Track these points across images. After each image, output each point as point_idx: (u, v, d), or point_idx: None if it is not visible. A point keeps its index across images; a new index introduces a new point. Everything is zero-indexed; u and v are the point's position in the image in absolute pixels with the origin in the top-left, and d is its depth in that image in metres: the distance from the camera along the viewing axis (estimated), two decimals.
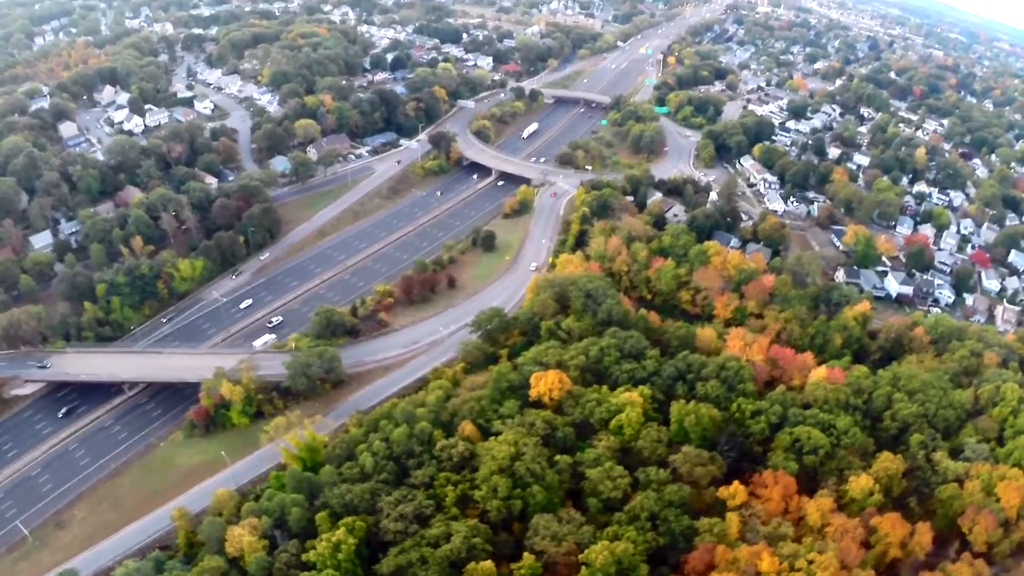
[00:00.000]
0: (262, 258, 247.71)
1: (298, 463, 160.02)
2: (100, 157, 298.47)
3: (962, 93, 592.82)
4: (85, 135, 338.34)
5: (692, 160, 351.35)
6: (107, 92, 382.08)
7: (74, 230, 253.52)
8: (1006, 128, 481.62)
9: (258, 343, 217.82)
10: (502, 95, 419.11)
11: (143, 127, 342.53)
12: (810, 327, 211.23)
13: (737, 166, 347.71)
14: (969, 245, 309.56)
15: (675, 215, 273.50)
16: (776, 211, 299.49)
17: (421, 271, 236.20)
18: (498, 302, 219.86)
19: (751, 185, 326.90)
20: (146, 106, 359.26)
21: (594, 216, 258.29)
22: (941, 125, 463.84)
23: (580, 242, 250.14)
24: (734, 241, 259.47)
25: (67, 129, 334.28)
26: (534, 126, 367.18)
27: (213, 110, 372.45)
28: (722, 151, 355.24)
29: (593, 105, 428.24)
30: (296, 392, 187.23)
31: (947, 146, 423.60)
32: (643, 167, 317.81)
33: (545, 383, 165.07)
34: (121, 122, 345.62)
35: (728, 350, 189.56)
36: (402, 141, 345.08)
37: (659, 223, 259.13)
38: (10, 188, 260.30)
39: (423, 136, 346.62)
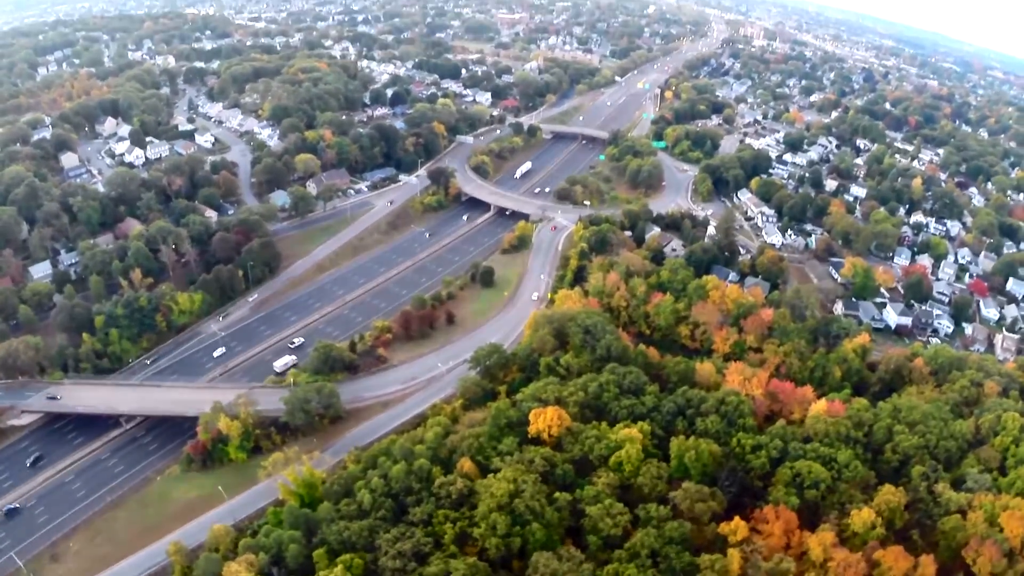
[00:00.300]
0: (250, 300, 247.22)
1: (296, 499, 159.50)
2: (101, 189, 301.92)
3: (957, 122, 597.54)
4: (86, 166, 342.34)
5: (690, 194, 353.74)
6: (109, 124, 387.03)
7: (74, 261, 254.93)
8: (1001, 156, 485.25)
9: (279, 364, 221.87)
10: (500, 131, 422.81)
11: (144, 159, 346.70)
12: (809, 360, 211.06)
13: (735, 200, 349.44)
14: (967, 274, 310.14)
15: (673, 250, 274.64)
16: (774, 244, 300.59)
17: (420, 307, 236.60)
18: (497, 338, 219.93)
19: (749, 219, 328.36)
20: (147, 138, 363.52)
21: (592, 251, 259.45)
22: (937, 155, 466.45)
23: (579, 278, 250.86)
24: (732, 275, 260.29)
25: (68, 160, 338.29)
26: (527, 165, 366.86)
27: (214, 143, 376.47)
28: (720, 185, 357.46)
29: (591, 140, 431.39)
30: (294, 428, 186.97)
31: (943, 176, 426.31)
32: (641, 202, 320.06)
33: (544, 419, 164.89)
34: (122, 154, 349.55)
35: (727, 385, 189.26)
36: (401, 176, 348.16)
37: (657, 258, 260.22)
38: (11, 218, 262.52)
39: (422, 171, 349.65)
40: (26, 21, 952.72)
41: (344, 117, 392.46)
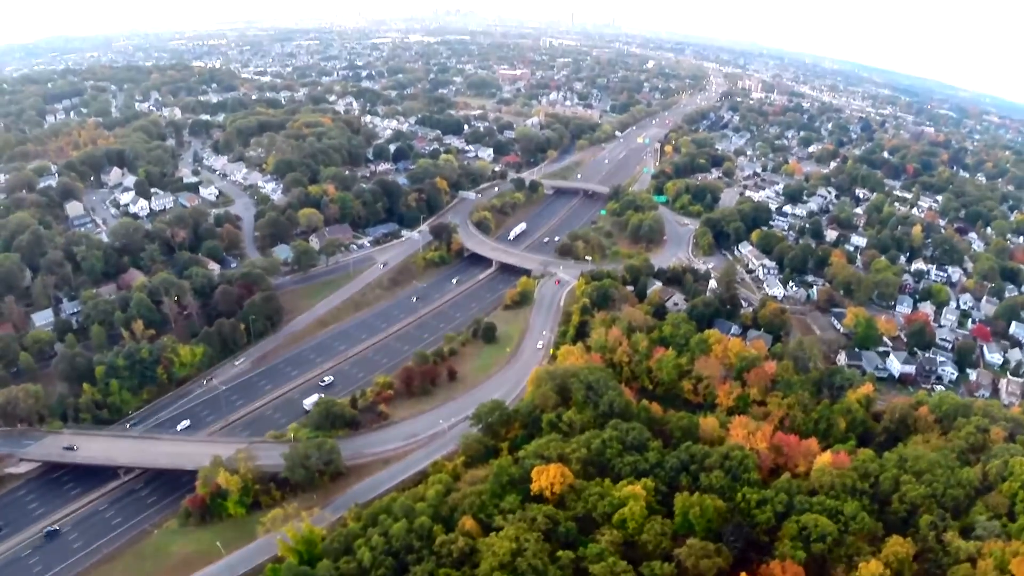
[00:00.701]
0: (237, 364, 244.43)
1: (295, 556, 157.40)
2: (105, 238, 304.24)
3: (955, 168, 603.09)
4: (91, 215, 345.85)
5: (691, 248, 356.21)
6: (114, 174, 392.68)
7: (76, 310, 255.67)
8: (1000, 200, 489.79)
9: (308, 402, 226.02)
10: (502, 186, 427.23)
11: (148, 210, 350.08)
12: (813, 412, 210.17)
13: (735, 252, 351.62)
14: (969, 320, 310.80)
15: (675, 304, 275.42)
16: (776, 296, 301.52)
17: (422, 363, 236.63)
18: (499, 394, 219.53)
19: (750, 271, 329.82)
20: (152, 190, 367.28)
21: (594, 307, 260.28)
22: (936, 202, 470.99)
23: (581, 333, 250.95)
24: (735, 328, 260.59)
25: (73, 208, 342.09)
26: (521, 226, 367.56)
27: (218, 196, 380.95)
28: (720, 238, 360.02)
29: (592, 195, 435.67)
30: (294, 483, 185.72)
31: (943, 222, 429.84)
32: (643, 257, 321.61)
33: (547, 477, 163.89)
34: (127, 204, 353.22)
35: (731, 439, 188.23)
36: (404, 232, 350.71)
37: (659, 312, 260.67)
38: (14, 264, 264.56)
39: (424, 227, 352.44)
40: (36, 68, 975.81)
41: (347, 172, 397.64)
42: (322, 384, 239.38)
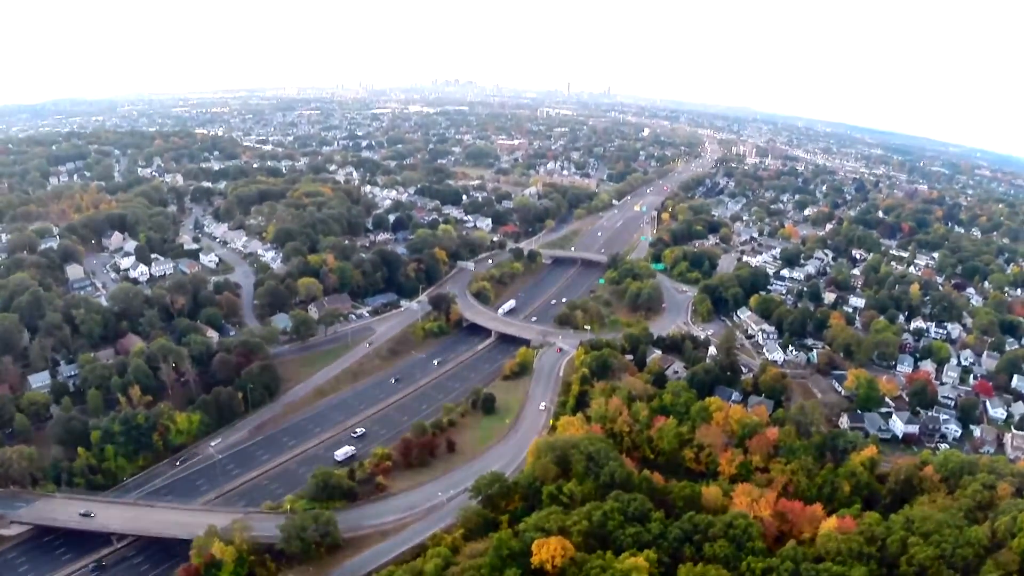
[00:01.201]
0: (212, 445, 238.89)
1: None
2: (104, 302, 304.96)
3: (950, 224, 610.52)
4: (91, 279, 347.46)
5: (690, 315, 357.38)
6: (115, 238, 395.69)
7: (73, 373, 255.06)
8: (996, 254, 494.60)
9: (339, 453, 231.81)
10: (501, 256, 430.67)
11: (148, 276, 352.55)
12: (817, 477, 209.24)
13: (735, 318, 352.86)
14: (971, 376, 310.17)
15: (675, 372, 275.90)
16: (776, 361, 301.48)
17: (420, 434, 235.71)
18: (498, 466, 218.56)
19: (750, 336, 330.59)
20: (152, 255, 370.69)
21: (594, 376, 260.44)
22: (932, 259, 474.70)
23: (581, 403, 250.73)
24: (735, 395, 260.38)
25: (73, 271, 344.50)
26: (511, 303, 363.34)
27: (218, 264, 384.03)
28: (719, 304, 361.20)
29: (590, 264, 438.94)
30: (290, 555, 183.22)
31: (940, 279, 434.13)
32: (641, 325, 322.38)
33: (547, 550, 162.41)
34: (127, 269, 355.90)
35: (735, 507, 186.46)
36: (403, 302, 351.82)
37: (659, 381, 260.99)
38: (13, 325, 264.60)
39: (423, 297, 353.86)
40: (41, 130, 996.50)
41: (347, 242, 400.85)
42: (354, 435, 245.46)
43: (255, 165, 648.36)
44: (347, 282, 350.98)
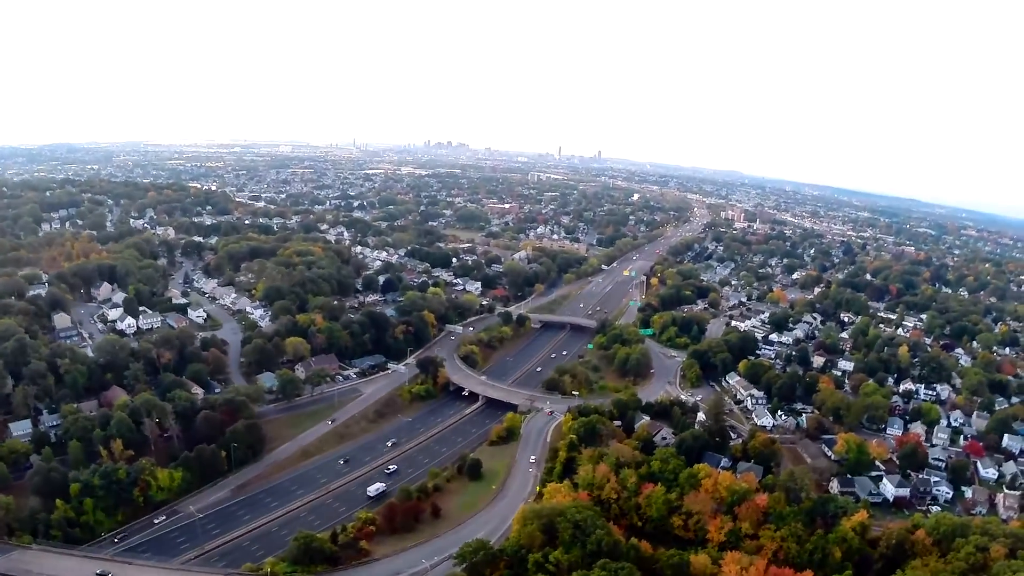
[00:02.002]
0: (193, 507, 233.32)
1: None
2: (90, 353, 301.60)
3: (937, 285, 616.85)
4: (78, 329, 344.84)
5: (678, 380, 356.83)
6: (104, 289, 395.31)
7: (55, 423, 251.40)
8: (983, 313, 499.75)
9: (371, 489, 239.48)
10: (489, 320, 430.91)
11: (135, 328, 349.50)
12: (808, 543, 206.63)
13: (723, 383, 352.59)
14: (961, 436, 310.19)
15: (664, 438, 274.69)
16: (765, 426, 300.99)
17: (405, 499, 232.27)
18: (483, 533, 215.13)
19: (738, 402, 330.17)
20: (140, 308, 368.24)
21: (582, 443, 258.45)
22: (920, 320, 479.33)
23: (568, 469, 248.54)
24: (724, 461, 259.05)
25: (60, 320, 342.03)
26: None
27: (206, 319, 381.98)
28: (708, 369, 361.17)
29: (579, 329, 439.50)
30: None
31: (928, 340, 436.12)
32: (630, 391, 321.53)
33: None
34: (114, 321, 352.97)
35: (724, 575, 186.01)
36: (390, 364, 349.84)
37: (648, 447, 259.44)
38: None
39: (411, 360, 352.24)
40: (36, 175, 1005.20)
41: (336, 302, 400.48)
42: (387, 472, 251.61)
43: (247, 221, 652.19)
44: (335, 343, 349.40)
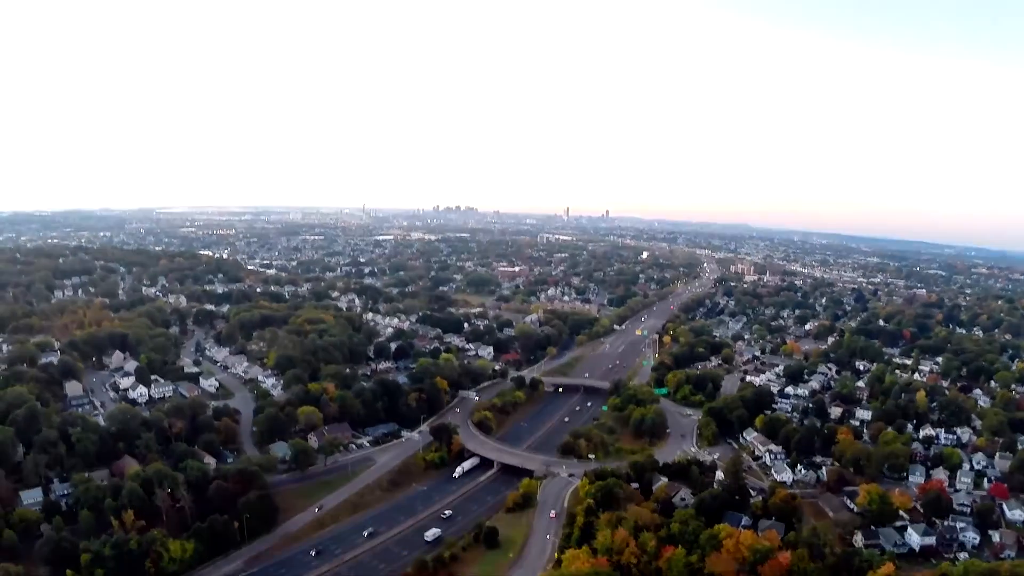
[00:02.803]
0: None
1: None
2: (101, 422, 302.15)
3: (951, 326, 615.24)
4: (89, 397, 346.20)
5: (695, 439, 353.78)
6: (116, 357, 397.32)
7: (66, 492, 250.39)
8: (999, 351, 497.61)
9: (429, 535, 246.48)
10: (502, 385, 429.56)
11: (147, 397, 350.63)
12: None
13: (741, 440, 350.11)
14: (985, 479, 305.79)
15: (682, 499, 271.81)
16: (785, 482, 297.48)
17: (421, 569, 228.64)
18: None
19: (757, 458, 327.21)
20: (152, 376, 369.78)
21: (599, 507, 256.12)
22: (936, 363, 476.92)
23: (586, 535, 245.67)
24: (745, 519, 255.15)
25: (72, 388, 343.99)
26: (474, 460, 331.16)
27: (217, 388, 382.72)
28: (724, 426, 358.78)
29: (593, 391, 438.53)
30: None
31: (945, 383, 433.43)
32: (646, 452, 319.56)
33: None
34: (126, 389, 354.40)
35: None
36: (404, 432, 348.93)
37: (666, 509, 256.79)
38: (7, 439, 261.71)
39: (425, 427, 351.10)
40: (50, 241, 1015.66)
41: (348, 370, 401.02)
42: (443, 517, 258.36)
43: (258, 289, 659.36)
44: (348, 411, 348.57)
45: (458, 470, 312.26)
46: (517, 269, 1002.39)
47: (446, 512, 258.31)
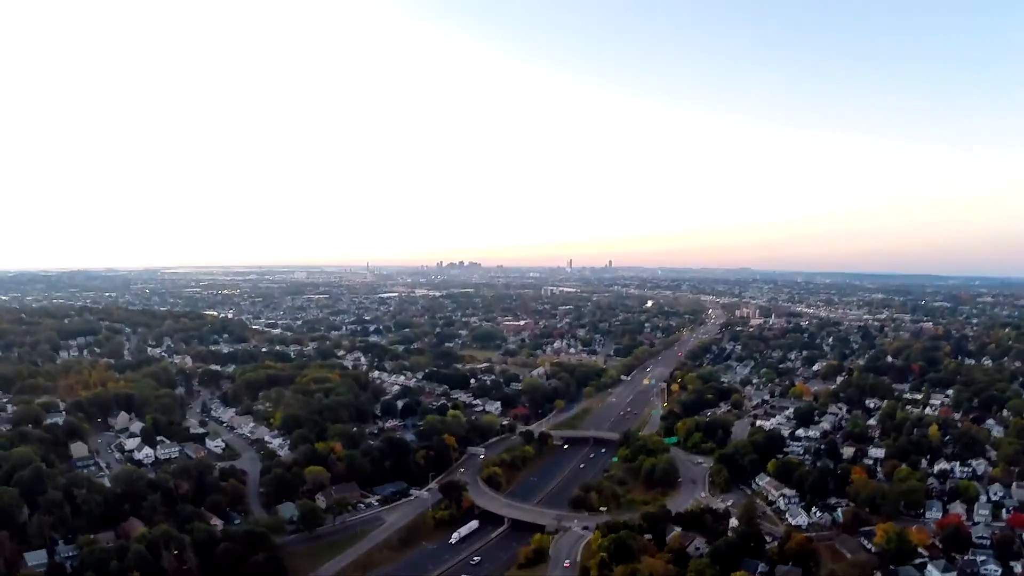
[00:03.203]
0: None
1: None
2: (107, 483, 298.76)
3: (959, 358, 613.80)
4: (95, 458, 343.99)
5: (707, 487, 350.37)
6: (121, 418, 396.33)
7: (71, 554, 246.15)
8: (1009, 379, 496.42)
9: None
10: (510, 440, 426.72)
11: (153, 459, 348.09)
12: None
13: (753, 485, 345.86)
14: (1003, 510, 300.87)
15: (697, 548, 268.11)
16: (800, 526, 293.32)
17: None
18: None
19: (770, 503, 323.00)
20: (158, 438, 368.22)
21: (612, 560, 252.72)
22: (947, 396, 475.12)
23: None
24: (761, 566, 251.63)
25: (77, 449, 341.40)
26: (472, 525, 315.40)
27: (224, 449, 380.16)
28: (736, 472, 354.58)
29: (603, 443, 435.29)
30: None
31: (957, 416, 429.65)
32: (658, 502, 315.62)
33: None
34: (132, 450, 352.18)
35: None
36: (412, 490, 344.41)
37: (681, 559, 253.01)
38: (12, 500, 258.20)
39: (433, 485, 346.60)
40: (55, 301, 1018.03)
41: (355, 429, 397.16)
42: (472, 563, 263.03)
43: (264, 349, 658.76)
44: (355, 470, 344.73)
45: (455, 536, 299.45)
46: (522, 323, 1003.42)
47: (476, 558, 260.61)
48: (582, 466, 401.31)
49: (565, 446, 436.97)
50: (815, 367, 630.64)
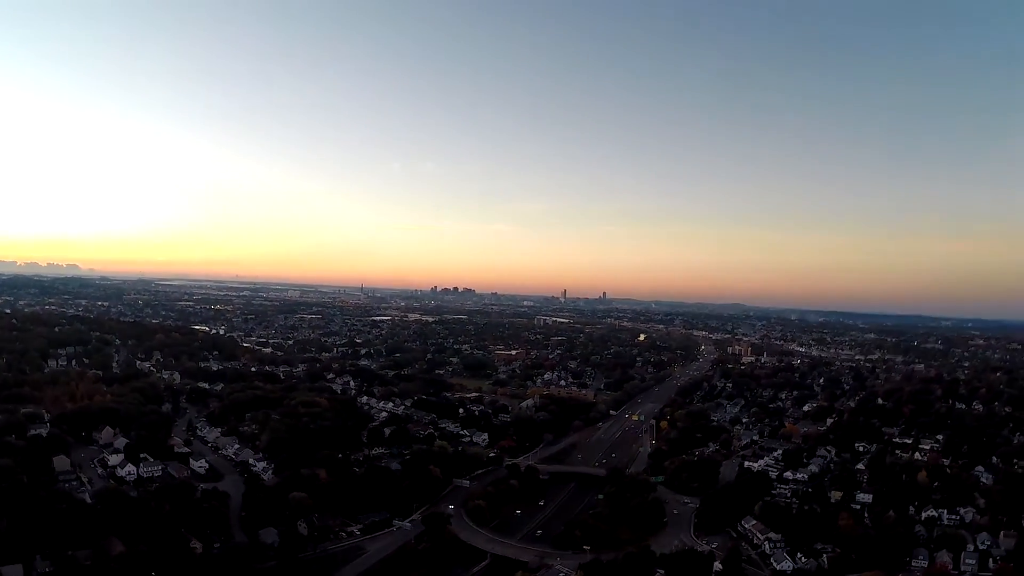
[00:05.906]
0: None
1: None
2: (88, 500, 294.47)
3: (951, 401, 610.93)
4: (77, 473, 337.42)
5: (692, 528, 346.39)
6: (106, 433, 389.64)
7: (48, 569, 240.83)
8: (1000, 425, 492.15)
9: None
10: (497, 473, 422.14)
11: (136, 476, 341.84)
12: None
13: (739, 528, 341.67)
14: (990, 559, 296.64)
15: None
16: (785, 570, 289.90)
17: None
18: None
19: (755, 547, 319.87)
20: (142, 455, 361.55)
21: None
22: (937, 441, 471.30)
23: None
24: None
25: (60, 463, 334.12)
26: None
27: (207, 470, 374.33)
28: (722, 514, 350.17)
29: (589, 479, 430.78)
30: None
31: (947, 462, 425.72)
32: (643, 543, 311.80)
33: None
34: (115, 467, 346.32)
35: None
36: (395, 521, 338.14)
37: None
38: None
39: (416, 516, 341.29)
40: (47, 308, 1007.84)
41: (340, 456, 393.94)
42: None
43: (253, 369, 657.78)
44: (339, 498, 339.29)
45: None
46: (514, 352, 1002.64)
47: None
48: (566, 505, 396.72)
49: (561, 478, 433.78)
50: (805, 407, 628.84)
